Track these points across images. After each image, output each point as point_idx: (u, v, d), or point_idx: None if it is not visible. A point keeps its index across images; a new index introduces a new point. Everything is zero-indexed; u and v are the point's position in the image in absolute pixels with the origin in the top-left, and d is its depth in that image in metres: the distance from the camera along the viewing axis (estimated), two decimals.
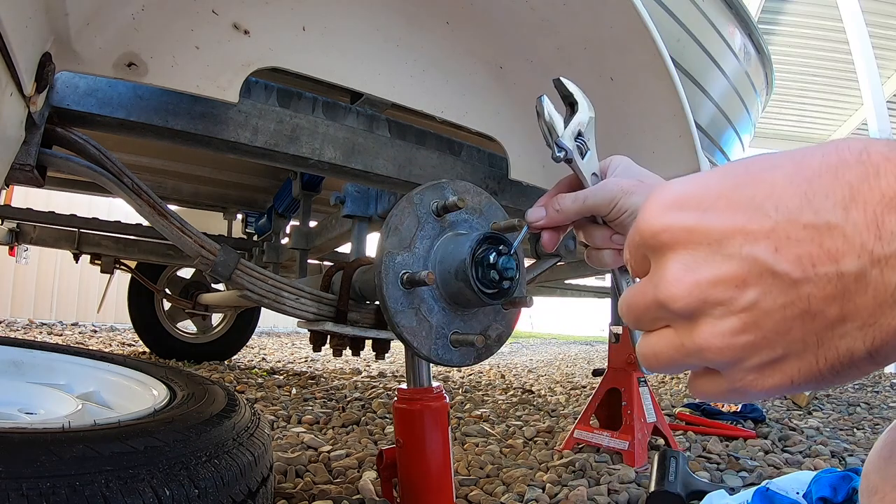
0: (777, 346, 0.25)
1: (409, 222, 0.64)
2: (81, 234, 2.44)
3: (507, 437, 1.68)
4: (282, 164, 0.91)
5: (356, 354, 0.99)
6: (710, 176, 0.27)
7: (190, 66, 0.69)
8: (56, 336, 4.51)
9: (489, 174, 1.12)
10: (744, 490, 0.98)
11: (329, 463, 1.28)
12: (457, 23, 0.86)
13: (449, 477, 0.90)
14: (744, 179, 0.25)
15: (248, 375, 2.74)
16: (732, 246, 0.25)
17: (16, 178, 0.65)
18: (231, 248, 0.81)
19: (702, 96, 1.50)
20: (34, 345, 1.26)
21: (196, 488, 0.61)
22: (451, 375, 3.21)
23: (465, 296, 0.63)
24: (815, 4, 6.32)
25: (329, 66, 0.80)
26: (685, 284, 0.25)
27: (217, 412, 0.82)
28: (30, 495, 0.49)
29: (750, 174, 0.26)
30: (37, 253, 5.56)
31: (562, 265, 2.65)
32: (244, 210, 2.68)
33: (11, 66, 0.49)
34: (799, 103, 8.20)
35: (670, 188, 0.27)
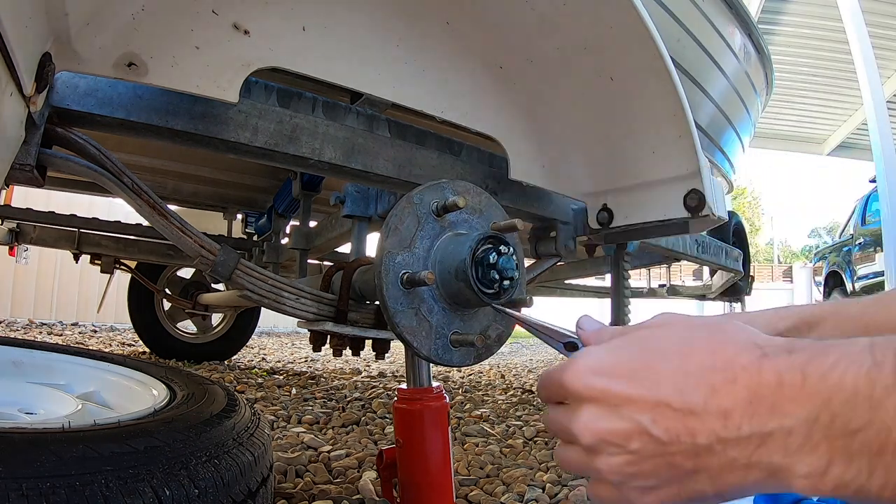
0: (650, 478, 0.36)
1: (409, 222, 0.64)
2: (81, 234, 2.44)
3: (507, 437, 1.68)
4: (282, 164, 0.91)
5: (356, 354, 0.98)
6: (622, 353, 0.38)
7: (190, 66, 0.69)
8: (56, 336, 4.51)
9: (489, 174, 1.12)
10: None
11: (329, 463, 1.28)
12: (457, 23, 0.86)
13: (449, 477, 0.90)
14: (644, 364, 0.36)
15: (248, 375, 2.74)
16: (627, 411, 0.35)
17: (16, 178, 0.65)
18: (231, 248, 0.81)
19: (702, 96, 1.50)
20: (34, 345, 1.26)
21: (196, 488, 0.61)
22: (451, 375, 3.21)
23: (465, 296, 0.63)
24: (815, 4, 6.32)
25: (329, 66, 0.80)
26: (591, 430, 0.36)
27: (217, 412, 0.82)
28: (30, 495, 0.49)
29: (649, 361, 0.36)
30: (37, 253, 5.56)
31: (562, 265, 2.65)
32: (244, 210, 2.67)
33: (11, 66, 0.49)
34: (799, 103, 8.19)
35: (595, 356, 0.38)
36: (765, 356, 0.32)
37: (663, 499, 0.36)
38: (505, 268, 0.63)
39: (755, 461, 0.31)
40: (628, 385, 0.35)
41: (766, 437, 0.31)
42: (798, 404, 0.30)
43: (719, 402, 0.32)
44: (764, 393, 0.31)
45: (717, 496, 0.34)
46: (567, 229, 1.24)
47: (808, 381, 0.30)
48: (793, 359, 0.31)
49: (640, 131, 0.91)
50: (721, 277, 2.76)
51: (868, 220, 7.25)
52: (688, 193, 0.90)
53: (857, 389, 0.28)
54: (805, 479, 0.30)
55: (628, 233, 1.09)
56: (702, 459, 0.33)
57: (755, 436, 0.31)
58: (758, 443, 0.31)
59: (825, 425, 0.29)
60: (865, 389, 0.28)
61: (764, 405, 0.31)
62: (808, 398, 0.29)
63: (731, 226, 2.73)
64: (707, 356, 0.34)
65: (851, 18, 5.03)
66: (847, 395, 0.28)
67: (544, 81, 0.92)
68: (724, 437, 0.32)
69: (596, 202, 1.07)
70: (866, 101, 4.91)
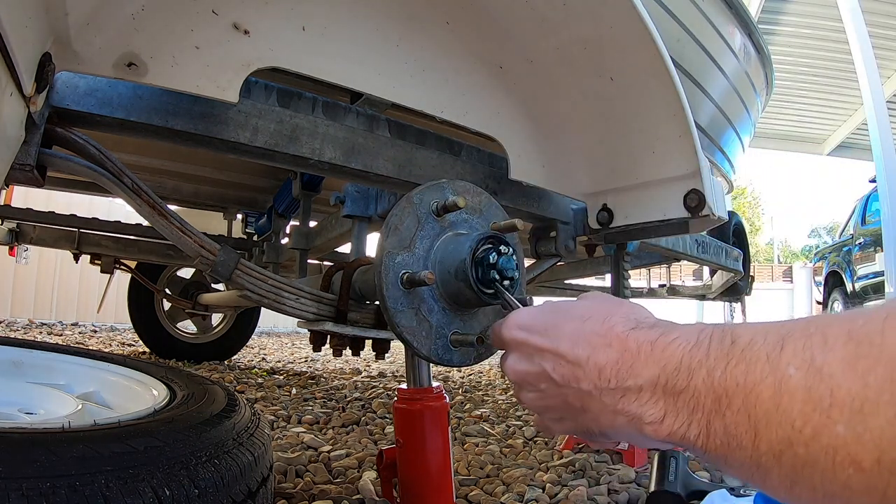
0: (556, 412, 0.46)
1: (409, 222, 0.64)
2: (81, 234, 2.43)
3: (507, 437, 1.68)
4: (282, 164, 0.91)
5: (356, 354, 0.98)
6: (541, 315, 0.48)
7: (190, 66, 0.69)
8: (56, 336, 4.51)
9: (489, 174, 1.12)
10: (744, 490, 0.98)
11: (329, 463, 1.28)
12: (457, 23, 0.86)
13: (449, 477, 0.90)
14: (553, 324, 0.46)
15: (248, 375, 2.74)
16: (537, 358, 0.46)
17: (16, 178, 0.65)
18: (231, 248, 0.81)
19: (702, 96, 1.50)
20: (34, 345, 1.26)
21: (196, 488, 0.61)
22: (451, 375, 3.21)
23: (465, 296, 0.63)
24: (815, 4, 6.31)
25: (329, 66, 0.80)
26: (513, 371, 0.49)
27: (217, 412, 0.82)
28: (30, 495, 0.49)
29: (558, 322, 0.45)
30: (37, 253, 5.56)
31: (562, 265, 2.65)
32: (244, 210, 2.67)
33: (11, 66, 0.49)
34: (799, 103, 8.18)
35: (522, 314, 0.50)
36: (634, 329, 0.40)
37: (567, 429, 0.47)
38: (505, 268, 0.62)
39: (619, 409, 0.39)
40: (539, 338, 0.46)
41: (625, 391, 0.39)
42: (646, 368, 0.38)
43: (597, 359, 0.41)
44: (626, 357, 0.39)
45: (601, 433, 0.44)
46: (567, 229, 1.24)
47: (654, 351, 0.38)
48: (652, 332, 0.39)
49: (640, 131, 0.91)
50: (721, 277, 2.76)
51: (868, 220, 7.25)
52: (688, 193, 0.90)
53: (682, 360, 0.36)
54: (649, 426, 0.37)
55: (628, 233, 1.09)
56: (585, 401, 0.42)
57: (619, 389, 0.39)
58: (620, 395, 0.39)
59: (661, 386, 0.37)
60: (687, 361, 0.36)
61: (625, 366, 0.39)
62: (653, 364, 0.37)
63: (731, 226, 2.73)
64: (597, 323, 0.43)
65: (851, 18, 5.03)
66: (675, 364, 0.36)
67: (544, 81, 0.92)
68: (599, 387, 0.40)
69: (596, 202, 1.07)
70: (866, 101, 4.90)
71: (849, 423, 0.27)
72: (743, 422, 0.31)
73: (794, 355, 0.30)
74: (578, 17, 0.79)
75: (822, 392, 0.28)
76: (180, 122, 0.77)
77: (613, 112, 0.91)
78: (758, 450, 0.31)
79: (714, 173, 1.06)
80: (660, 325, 0.40)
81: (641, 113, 0.88)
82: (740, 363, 0.32)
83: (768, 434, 0.30)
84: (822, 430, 0.28)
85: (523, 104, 0.97)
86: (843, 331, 0.29)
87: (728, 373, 0.33)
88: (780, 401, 0.30)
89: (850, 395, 0.27)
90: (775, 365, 0.30)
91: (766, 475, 0.31)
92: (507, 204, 1.12)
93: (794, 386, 0.29)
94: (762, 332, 0.33)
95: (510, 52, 0.89)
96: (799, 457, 0.29)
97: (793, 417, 0.29)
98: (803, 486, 0.29)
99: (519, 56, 0.90)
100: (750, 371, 0.32)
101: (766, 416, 0.30)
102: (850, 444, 0.27)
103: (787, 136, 9.27)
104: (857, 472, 0.26)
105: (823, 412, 0.28)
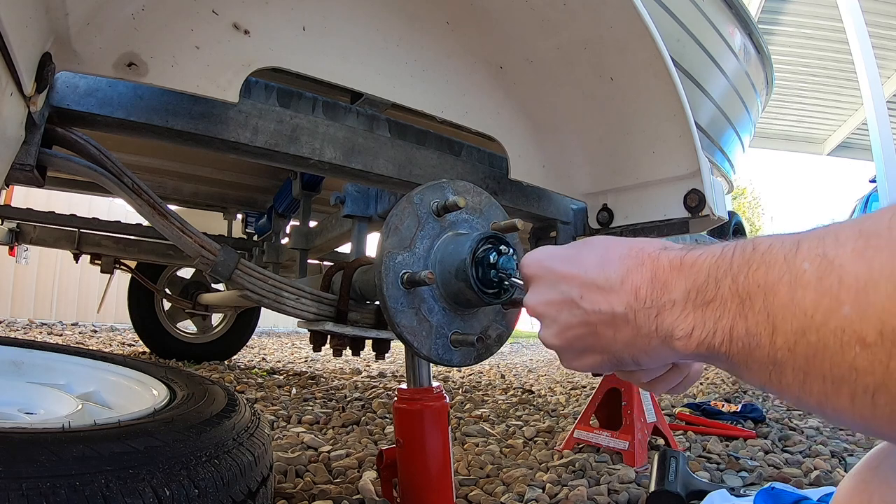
0: (580, 344, 0.45)
1: (410, 222, 0.63)
2: (81, 234, 2.43)
3: (507, 437, 1.68)
4: (282, 164, 0.91)
5: (356, 354, 0.98)
6: (563, 248, 0.48)
7: (190, 66, 0.69)
8: (56, 336, 4.51)
9: (489, 174, 1.12)
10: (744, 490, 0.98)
11: (329, 463, 1.28)
12: (457, 23, 0.86)
13: (449, 477, 0.90)
14: (577, 254, 0.46)
15: (248, 375, 2.74)
16: (561, 286, 0.45)
17: (16, 178, 0.65)
18: (231, 248, 0.81)
19: (702, 96, 1.50)
20: (34, 345, 1.26)
21: (196, 488, 0.61)
22: (451, 375, 3.21)
23: (466, 296, 0.63)
24: (815, 4, 6.31)
25: (329, 66, 0.80)
26: (534, 302, 0.48)
27: (217, 412, 0.82)
28: (30, 495, 0.49)
29: (581, 252, 0.45)
30: (37, 253, 5.56)
31: None
32: (244, 210, 2.67)
33: (11, 66, 0.49)
34: (799, 103, 8.18)
35: (544, 248, 0.50)
36: (664, 249, 0.42)
37: (591, 363, 0.46)
38: (505, 268, 0.62)
39: (654, 329, 0.40)
40: (563, 265, 0.46)
41: (661, 308, 0.39)
42: (678, 282, 0.39)
43: (632, 279, 0.41)
44: (659, 274, 0.40)
45: (633, 360, 0.43)
46: (567, 229, 1.24)
47: (684, 266, 0.39)
48: (680, 251, 0.41)
49: (640, 131, 0.91)
50: None
51: None
52: (688, 193, 0.90)
53: (709, 272, 0.37)
54: (680, 340, 0.38)
55: (628, 233, 1.09)
56: (619, 326, 0.42)
57: (654, 306, 0.40)
58: (656, 312, 0.40)
59: (692, 299, 0.38)
60: (713, 272, 0.37)
61: (659, 283, 0.40)
62: (683, 277, 0.39)
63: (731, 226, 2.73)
64: (625, 248, 0.43)
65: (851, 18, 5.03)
66: (703, 276, 0.37)
67: (544, 81, 0.92)
68: (635, 307, 0.41)
69: (596, 202, 1.07)
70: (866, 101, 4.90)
71: (854, 303, 0.29)
72: (763, 320, 0.33)
73: (808, 252, 0.32)
74: (578, 17, 0.79)
75: (832, 280, 0.30)
76: (180, 122, 0.77)
77: (613, 112, 0.91)
78: (774, 345, 0.32)
79: (714, 173, 1.06)
80: (686, 246, 0.42)
81: (641, 113, 0.88)
82: (760, 266, 0.34)
83: (784, 326, 0.32)
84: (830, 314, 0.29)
85: (523, 104, 0.97)
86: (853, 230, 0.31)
87: (750, 276, 0.34)
88: (794, 294, 0.31)
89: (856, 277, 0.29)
90: (791, 263, 0.32)
91: (782, 372, 0.33)
92: (507, 204, 1.12)
93: (807, 279, 0.31)
94: (780, 238, 0.35)
95: (510, 52, 0.89)
96: (811, 344, 0.30)
97: (805, 307, 0.31)
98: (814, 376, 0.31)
99: (519, 56, 0.90)
100: (769, 272, 0.33)
101: (782, 309, 0.32)
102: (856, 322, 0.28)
103: (787, 136, 9.26)
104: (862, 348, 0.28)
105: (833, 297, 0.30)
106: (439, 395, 0.92)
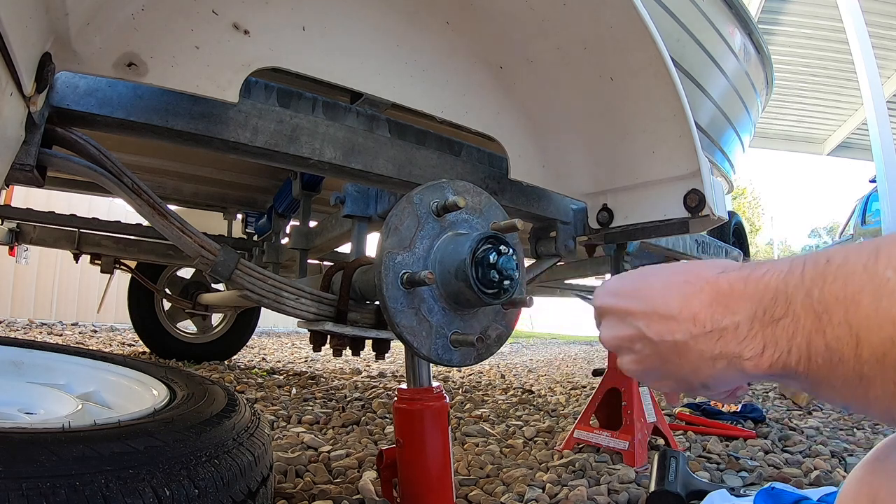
0: (655, 371, 0.45)
1: (409, 222, 0.64)
2: (81, 234, 2.43)
3: (507, 437, 1.68)
4: (282, 164, 0.91)
5: (356, 354, 0.98)
6: (627, 279, 0.48)
7: (190, 66, 0.69)
8: (56, 336, 4.51)
9: (489, 174, 1.12)
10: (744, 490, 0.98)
11: (329, 463, 1.28)
12: (457, 23, 0.86)
13: (449, 477, 0.90)
14: (641, 285, 0.46)
15: (248, 375, 2.74)
16: (629, 319, 0.46)
17: (16, 178, 0.65)
18: (231, 248, 0.81)
19: (702, 96, 1.50)
20: (34, 345, 1.26)
21: (196, 488, 0.61)
22: (451, 375, 3.21)
23: (466, 296, 0.63)
24: (815, 4, 6.31)
25: (329, 66, 0.80)
26: (608, 337, 0.49)
27: (217, 412, 0.82)
28: (30, 495, 0.49)
29: (644, 283, 0.46)
30: (37, 253, 5.56)
31: (562, 265, 2.65)
32: (244, 210, 2.67)
33: (11, 66, 0.49)
34: (799, 103, 8.18)
35: (610, 282, 0.51)
36: (722, 272, 0.41)
37: (669, 387, 0.46)
38: (505, 268, 0.62)
39: (717, 353, 0.39)
40: (628, 301, 0.46)
41: (723, 332, 0.39)
42: (742, 304, 0.38)
43: (690, 307, 0.41)
44: (720, 297, 0.40)
45: (702, 385, 0.43)
46: (567, 229, 1.24)
47: (748, 286, 0.38)
48: (741, 272, 0.40)
49: (640, 131, 0.91)
50: None
51: (868, 220, 7.24)
52: (688, 193, 0.90)
53: (778, 288, 0.36)
54: (749, 361, 0.37)
55: (628, 233, 1.09)
56: (682, 353, 0.42)
57: (716, 331, 0.39)
58: (718, 336, 0.39)
59: (759, 318, 0.37)
60: (783, 288, 0.36)
61: (720, 306, 0.39)
62: (748, 298, 0.38)
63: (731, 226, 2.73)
64: (683, 275, 0.43)
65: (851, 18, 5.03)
66: (772, 294, 0.36)
67: (544, 82, 0.92)
68: (695, 334, 0.40)
69: (596, 202, 1.07)
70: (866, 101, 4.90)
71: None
72: (844, 334, 0.32)
73: (889, 260, 0.31)
74: (578, 17, 0.79)
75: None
76: (180, 122, 0.77)
77: (613, 112, 0.91)
78: (860, 359, 0.31)
79: (714, 173, 1.06)
80: (748, 265, 0.41)
81: (641, 113, 0.88)
82: (837, 279, 0.33)
83: (870, 338, 0.31)
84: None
85: (523, 104, 0.97)
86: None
87: (826, 290, 0.33)
88: (879, 304, 0.30)
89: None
90: (873, 272, 0.31)
91: (869, 386, 0.32)
92: (507, 204, 1.12)
93: (892, 287, 0.30)
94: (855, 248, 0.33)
95: (510, 52, 0.89)
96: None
97: (893, 315, 0.30)
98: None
99: (519, 56, 0.90)
100: (848, 283, 0.32)
101: (867, 321, 0.31)
102: None
103: (787, 136, 9.26)
104: None
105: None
106: (439, 395, 0.92)
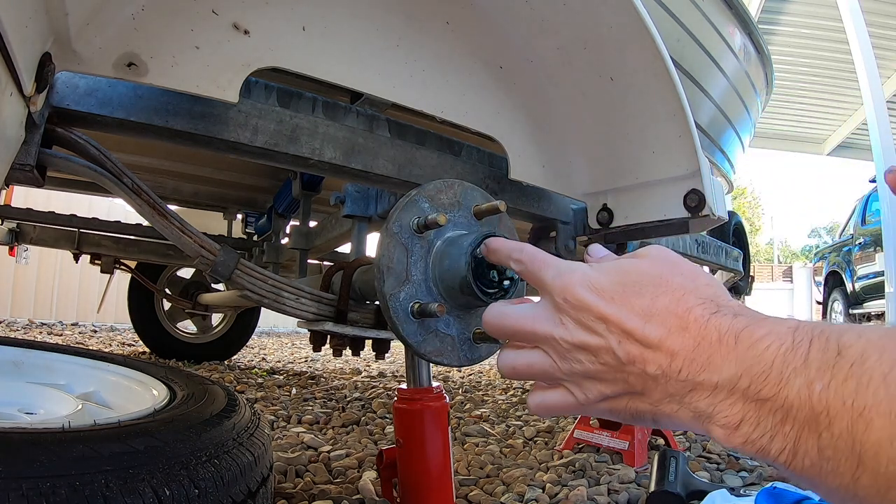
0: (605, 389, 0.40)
1: (399, 255, 0.62)
2: (81, 234, 2.43)
3: (507, 437, 1.68)
4: (282, 164, 0.91)
5: (356, 354, 0.99)
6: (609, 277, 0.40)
7: (190, 66, 0.69)
8: (56, 336, 4.51)
9: (489, 174, 1.12)
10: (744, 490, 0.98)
11: (329, 463, 1.28)
12: (457, 23, 0.86)
13: (449, 477, 0.90)
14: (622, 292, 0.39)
15: (248, 375, 2.74)
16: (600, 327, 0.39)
17: (16, 178, 0.65)
18: (231, 248, 0.81)
19: (702, 96, 1.50)
20: (34, 345, 1.26)
21: (196, 488, 0.61)
22: (451, 375, 3.21)
23: (475, 304, 0.64)
24: (815, 4, 6.31)
25: (329, 66, 0.80)
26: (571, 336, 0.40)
27: (217, 412, 0.82)
28: (30, 495, 0.49)
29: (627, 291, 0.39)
30: (37, 253, 5.56)
31: None
32: (244, 210, 2.68)
33: (11, 66, 0.49)
34: (799, 103, 8.18)
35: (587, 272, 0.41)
36: (714, 314, 0.36)
37: (608, 408, 0.41)
38: (503, 267, 0.62)
39: (686, 402, 0.35)
40: (607, 306, 0.39)
41: (696, 385, 0.35)
42: (726, 363, 0.34)
43: (671, 343, 0.36)
44: (704, 346, 0.35)
45: (653, 420, 0.39)
46: (567, 229, 1.24)
47: (739, 346, 0.34)
48: (735, 322, 0.35)
49: (640, 131, 0.91)
50: (721, 277, 2.76)
51: (868, 220, 7.25)
52: (688, 193, 0.90)
53: (773, 364, 0.32)
54: (721, 429, 0.34)
55: (628, 233, 1.09)
56: (648, 386, 0.37)
57: (689, 381, 0.35)
58: (690, 387, 0.35)
59: (743, 388, 0.32)
60: (779, 366, 0.31)
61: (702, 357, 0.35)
62: (735, 360, 0.33)
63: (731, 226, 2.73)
64: (672, 300, 0.38)
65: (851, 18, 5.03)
66: (764, 367, 0.32)
67: (544, 81, 0.92)
68: (667, 373, 0.36)
69: (596, 202, 1.07)
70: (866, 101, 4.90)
71: None
72: (844, 447, 0.28)
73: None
74: (578, 17, 0.79)
75: None
76: (180, 122, 0.77)
77: (613, 112, 0.91)
78: (858, 482, 0.28)
79: (714, 173, 1.06)
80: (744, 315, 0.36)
81: (641, 113, 0.88)
82: (849, 379, 0.28)
83: (875, 467, 0.27)
84: None
85: (523, 104, 0.97)
86: None
87: (833, 389, 0.29)
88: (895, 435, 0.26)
89: None
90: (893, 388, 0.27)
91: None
92: (507, 204, 1.12)
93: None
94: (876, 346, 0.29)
95: (510, 52, 0.89)
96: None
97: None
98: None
99: (519, 56, 0.90)
100: (860, 391, 0.28)
101: (875, 447, 0.27)
102: None
103: (787, 136, 9.26)
104: None
105: None
106: (439, 395, 0.92)
